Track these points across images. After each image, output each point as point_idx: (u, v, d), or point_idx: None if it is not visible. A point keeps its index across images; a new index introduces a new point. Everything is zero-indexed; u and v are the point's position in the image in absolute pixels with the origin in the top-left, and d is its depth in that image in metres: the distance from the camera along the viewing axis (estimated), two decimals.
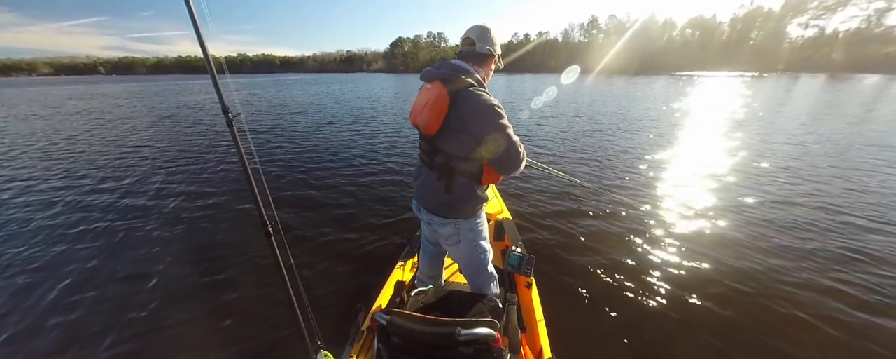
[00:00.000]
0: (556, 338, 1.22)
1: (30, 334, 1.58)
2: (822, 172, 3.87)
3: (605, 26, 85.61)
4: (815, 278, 1.92)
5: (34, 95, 20.24)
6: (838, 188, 3.33)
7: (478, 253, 1.14)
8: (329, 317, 1.60)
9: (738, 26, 70.01)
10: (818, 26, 67.20)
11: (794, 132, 6.17)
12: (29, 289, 1.90)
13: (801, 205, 2.95)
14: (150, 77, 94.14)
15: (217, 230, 2.59)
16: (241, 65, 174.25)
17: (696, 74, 46.70)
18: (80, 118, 9.12)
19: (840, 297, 1.77)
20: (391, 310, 0.92)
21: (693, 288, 1.84)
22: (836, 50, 62.57)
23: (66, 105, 13.01)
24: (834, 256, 2.13)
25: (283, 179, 3.79)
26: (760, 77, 37.99)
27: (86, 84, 36.53)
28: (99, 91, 22.47)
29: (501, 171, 0.98)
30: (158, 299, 1.81)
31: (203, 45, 0.82)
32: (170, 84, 33.38)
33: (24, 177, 3.93)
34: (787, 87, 18.78)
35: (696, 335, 1.54)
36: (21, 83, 51.71)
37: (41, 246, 2.35)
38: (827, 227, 2.52)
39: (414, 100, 1.06)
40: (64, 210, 3.00)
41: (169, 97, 16.04)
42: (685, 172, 3.86)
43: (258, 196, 0.97)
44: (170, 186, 3.60)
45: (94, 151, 5.28)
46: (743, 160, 4.35)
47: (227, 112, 0.90)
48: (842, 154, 4.65)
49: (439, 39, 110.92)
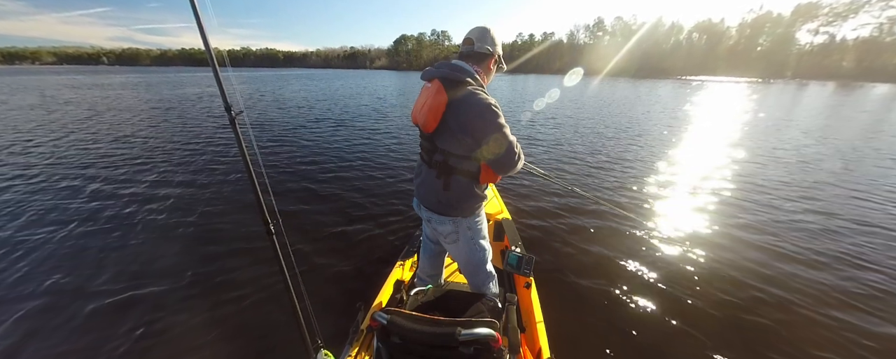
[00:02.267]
0: (555, 338, 1.23)
1: (29, 335, 1.56)
2: (824, 178, 3.85)
3: (611, 28, 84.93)
4: (816, 279, 1.92)
5: (34, 82, 20.25)
6: (840, 197, 3.32)
7: (476, 252, 1.14)
8: (329, 316, 1.58)
9: (746, 31, 69.28)
10: (828, 33, 66.26)
11: (798, 139, 6.14)
12: (28, 289, 1.87)
13: (802, 207, 2.95)
14: (152, 69, 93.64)
15: (218, 228, 2.59)
16: (244, 58, 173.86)
17: (702, 79, 46.34)
18: (75, 109, 9.09)
19: (841, 299, 1.76)
20: (391, 309, 0.92)
21: (692, 289, 1.84)
22: (846, 58, 61.82)
23: (63, 93, 13.01)
24: (835, 259, 2.13)
25: (285, 177, 3.79)
26: (767, 83, 37.72)
27: (87, 75, 36.44)
28: (98, 82, 22.39)
29: (498, 170, 0.98)
30: (158, 296, 1.80)
31: (205, 39, 0.82)
32: (171, 76, 33.33)
33: (9, 175, 3.78)
34: (795, 95, 18.73)
35: (695, 336, 1.54)
36: (22, 72, 51.63)
37: (38, 243, 2.33)
38: (827, 230, 2.53)
39: (416, 99, 1.06)
40: (62, 210, 2.95)
41: (166, 90, 15.89)
42: (686, 176, 3.85)
43: (260, 194, 0.97)
44: (170, 183, 3.59)
45: (92, 146, 5.24)
46: (745, 167, 4.33)
47: (230, 110, 0.89)
48: (846, 162, 4.61)
49: (443, 38, 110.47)
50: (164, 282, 1.94)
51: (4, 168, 4.01)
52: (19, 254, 2.21)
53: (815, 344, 1.50)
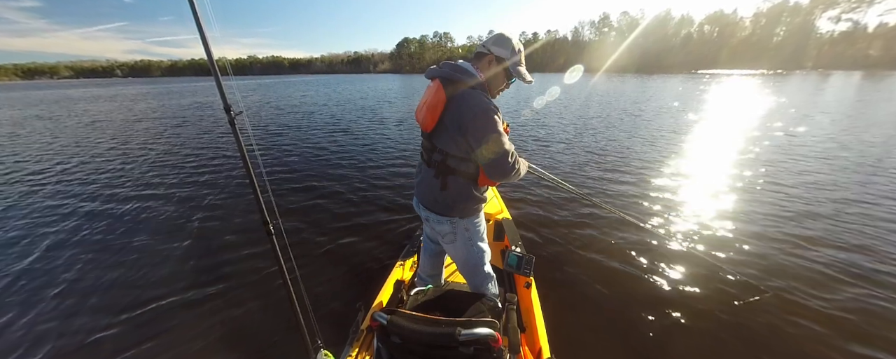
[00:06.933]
0: (555, 338, 1.21)
1: (30, 335, 1.57)
2: (828, 174, 3.65)
3: (617, 24, 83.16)
4: (816, 281, 1.84)
5: (55, 96, 21.12)
6: (852, 190, 3.13)
7: (474, 253, 1.13)
8: (329, 316, 1.61)
9: (761, 22, 66.55)
10: (852, 20, 62.84)
11: (815, 135, 5.84)
12: (30, 289, 1.90)
13: (803, 208, 2.79)
14: (163, 79, 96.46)
15: (218, 228, 2.62)
16: (250, 67, 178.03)
17: (715, 73, 44.74)
18: (86, 117, 9.51)
19: (842, 301, 1.68)
20: (391, 309, 0.92)
21: (694, 288, 1.79)
22: (873, 45, 58.41)
23: (79, 104, 13.57)
24: (836, 261, 2.03)
25: (285, 179, 3.84)
26: (786, 74, 36.04)
27: (100, 87, 38.10)
28: (109, 93, 23.17)
29: (492, 176, 0.95)
30: (159, 297, 1.81)
31: (206, 46, 0.85)
32: (179, 86, 34.46)
33: (23, 180, 3.92)
34: (818, 86, 17.77)
35: (696, 336, 1.50)
36: (41, 86, 54.43)
37: (39, 245, 2.38)
38: (836, 228, 2.40)
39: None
40: (62, 211, 3.01)
41: (171, 99, 16.34)
42: (688, 175, 3.72)
43: (259, 194, 0.98)
44: (170, 185, 3.66)
45: (93, 150, 5.42)
46: (748, 165, 4.12)
47: (230, 110, 0.91)
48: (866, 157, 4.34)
49: (445, 39, 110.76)
50: (165, 281, 1.97)
51: (13, 173, 4.22)
52: (20, 252, 2.26)
53: (817, 344, 1.43)
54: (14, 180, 3.96)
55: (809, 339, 1.46)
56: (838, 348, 1.41)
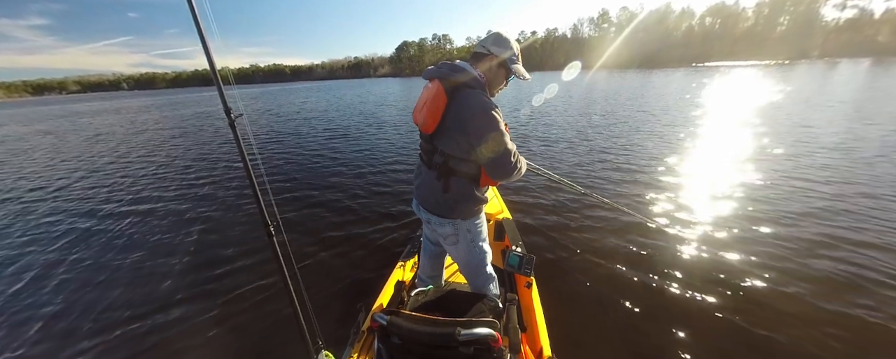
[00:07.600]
0: (556, 338, 1.20)
1: (30, 336, 1.59)
2: (834, 171, 3.55)
3: (617, 19, 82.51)
4: (816, 281, 1.79)
5: (58, 110, 21.73)
6: (851, 191, 3.04)
7: (476, 254, 1.13)
8: (330, 317, 1.61)
9: (764, 12, 65.44)
10: (857, 6, 61.36)
11: (814, 128, 5.70)
12: (29, 289, 1.94)
13: (803, 207, 2.70)
14: (168, 91, 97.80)
15: (219, 230, 2.65)
16: (253, 75, 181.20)
17: (718, 65, 44.01)
18: (90, 131, 9.71)
19: (845, 302, 1.63)
20: (391, 310, 0.92)
21: (694, 288, 1.76)
22: (881, 32, 56.98)
23: (83, 118, 13.91)
24: (848, 262, 1.96)
25: (286, 183, 3.89)
26: (791, 64, 35.30)
27: (107, 100, 38.98)
28: (113, 106, 23.61)
29: (493, 176, 0.95)
30: (160, 298, 1.84)
31: (209, 55, 0.88)
32: (182, 96, 35.21)
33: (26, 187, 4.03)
34: (826, 75, 17.40)
35: (696, 336, 1.48)
36: (49, 101, 56.14)
37: (40, 245, 2.42)
38: (836, 227, 2.31)
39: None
40: (63, 213, 3.08)
41: (177, 110, 16.67)
42: (690, 175, 3.65)
43: (260, 196, 1.00)
44: (172, 188, 3.74)
45: (95, 156, 5.60)
46: (756, 162, 4.03)
47: (230, 113, 0.93)
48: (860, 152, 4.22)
49: (445, 41, 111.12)
50: (166, 282, 2.00)
51: (22, 182, 4.35)
52: (27, 256, 2.31)
53: (817, 345, 1.40)
54: (32, 188, 4.06)
55: (812, 342, 1.42)
56: (846, 353, 1.36)
